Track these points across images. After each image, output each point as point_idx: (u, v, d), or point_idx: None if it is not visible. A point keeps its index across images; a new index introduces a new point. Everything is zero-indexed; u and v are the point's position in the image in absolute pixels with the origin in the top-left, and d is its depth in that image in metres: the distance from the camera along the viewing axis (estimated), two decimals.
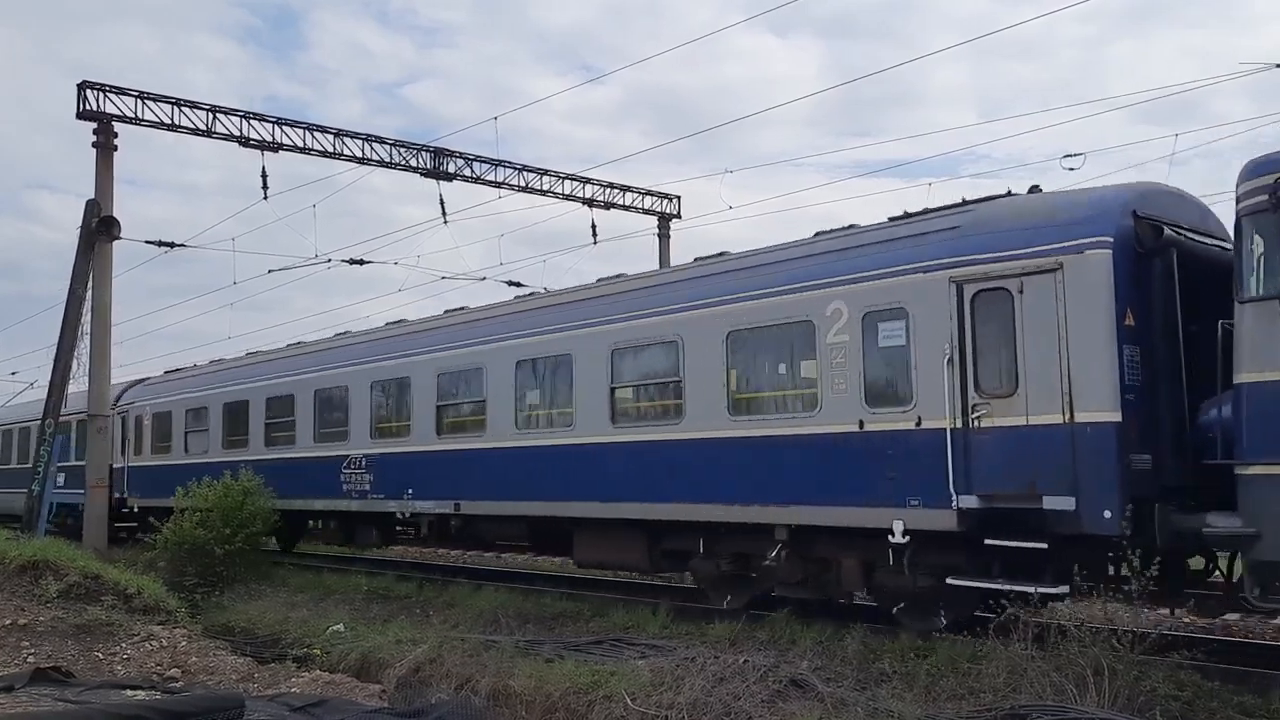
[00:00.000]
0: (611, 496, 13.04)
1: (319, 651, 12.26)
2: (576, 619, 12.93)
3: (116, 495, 25.08)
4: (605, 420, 13.33)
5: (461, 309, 17.47)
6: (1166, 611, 11.55)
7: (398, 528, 18.64)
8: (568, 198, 28.49)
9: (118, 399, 26.08)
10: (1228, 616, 12.86)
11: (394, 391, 17.23)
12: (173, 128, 22.91)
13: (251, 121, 23.61)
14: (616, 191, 29.40)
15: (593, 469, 13.32)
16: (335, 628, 13.20)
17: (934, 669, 8.77)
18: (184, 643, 12.52)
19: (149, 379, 27.81)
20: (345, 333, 21.42)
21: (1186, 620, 12.21)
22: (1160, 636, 7.84)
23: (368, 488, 17.37)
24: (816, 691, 8.17)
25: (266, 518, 18.57)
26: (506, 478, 14.66)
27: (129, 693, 9.16)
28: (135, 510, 24.67)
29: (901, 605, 10.70)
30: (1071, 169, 10.38)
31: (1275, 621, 12.54)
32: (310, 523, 21.45)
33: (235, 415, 21.61)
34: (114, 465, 25.20)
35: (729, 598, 12.46)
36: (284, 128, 23.94)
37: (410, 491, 16.38)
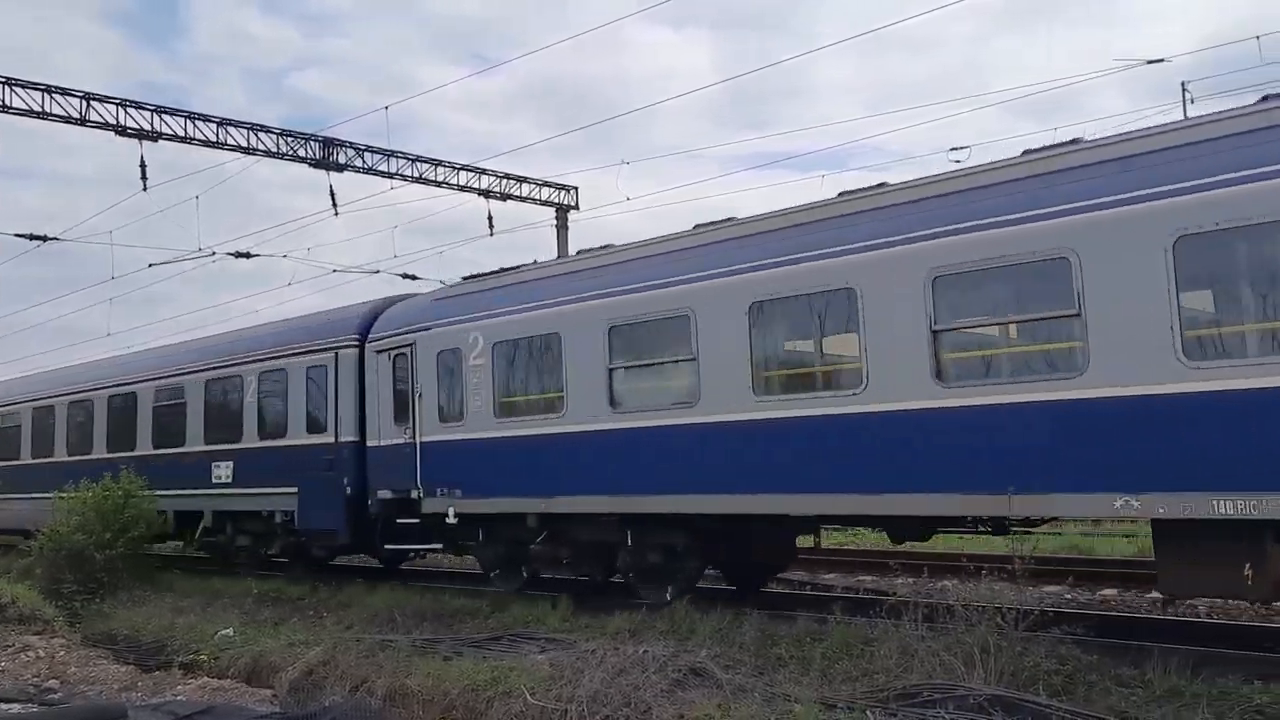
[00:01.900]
0: None
1: (206, 657, 11.90)
2: (475, 615, 12.80)
3: (385, 490, 14.97)
4: None
5: None
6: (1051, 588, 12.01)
7: None
8: (463, 189, 28.10)
9: (367, 328, 15.88)
10: (1105, 591, 13.45)
11: None
12: (43, 116, 21.83)
13: (128, 110, 22.66)
14: (513, 183, 29.14)
15: None
16: (224, 632, 12.85)
17: (828, 652, 8.92)
18: (62, 652, 12.10)
19: (418, 295, 16.90)
20: None
21: (1068, 596, 12.73)
22: (1042, 613, 8.11)
23: None
24: (715, 679, 8.24)
25: (151, 520, 17.87)
26: None
27: (4, 706, 8.79)
28: (452, 517, 14.03)
29: None
30: (957, 161, 10.66)
31: (1149, 595, 13.15)
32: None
33: (809, 322, 10.91)
34: (374, 443, 15.31)
35: None
36: (163, 116, 23.03)
37: None
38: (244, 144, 24.16)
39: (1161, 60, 19.24)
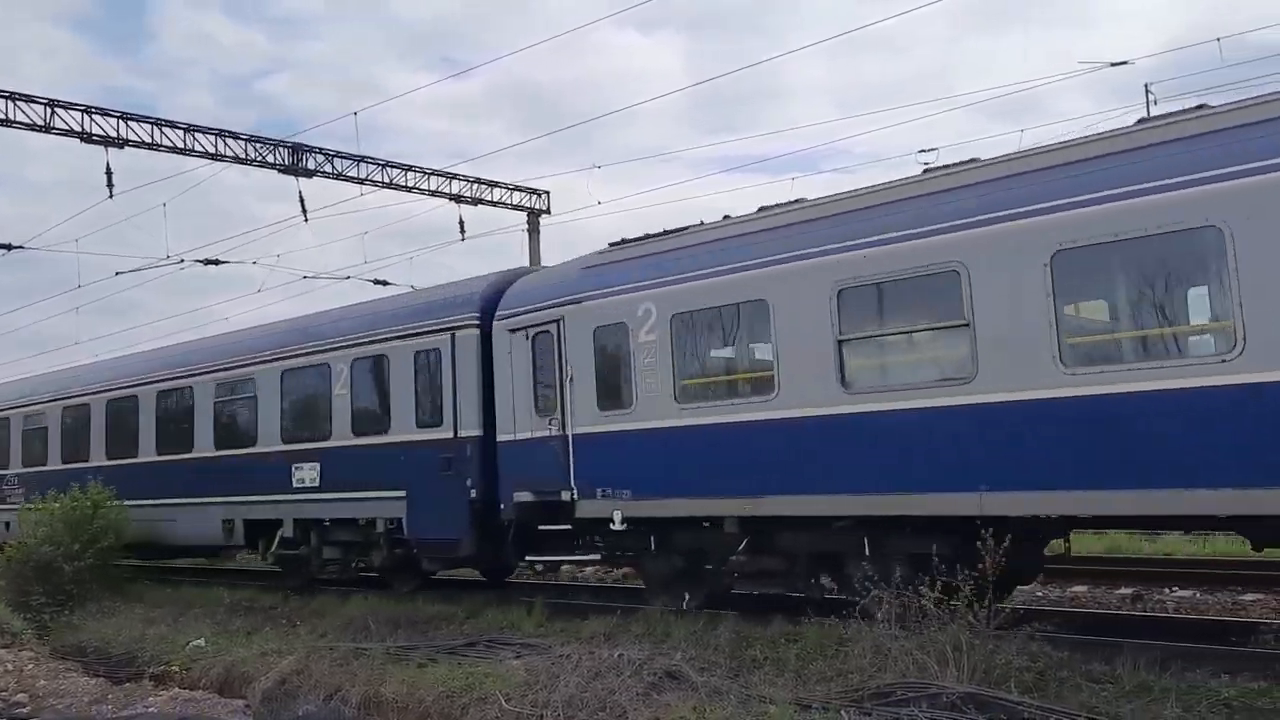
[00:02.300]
0: None
1: (178, 668, 11.81)
2: (450, 621, 12.76)
3: (524, 492, 12.87)
4: None
5: None
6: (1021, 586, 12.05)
7: None
8: (434, 194, 28.03)
9: (492, 305, 13.69)
10: (1075, 588, 13.59)
11: None
12: (7, 123, 21.56)
13: (94, 116, 22.43)
14: (484, 187, 29.08)
15: None
16: (196, 642, 12.74)
17: (803, 653, 8.97)
18: (31, 665, 12.00)
19: (553, 266, 14.86)
20: None
21: (1039, 594, 12.85)
22: (1013, 611, 8.17)
23: None
24: (690, 682, 8.26)
25: (120, 531, 17.65)
26: None
27: None
28: (619, 523, 11.79)
29: None
30: (925, 164, 10.64)
31: (1119, 591, 13.31)
32: None
33: (1146, 273, 8.71)
34: (506, 438, 13.15)
35: None
36: (129, 123, 22.81)
37: None
38: (212, 150, 23.98)
39: (1125, 63, 19.43)
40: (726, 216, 11.90)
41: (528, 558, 13.49)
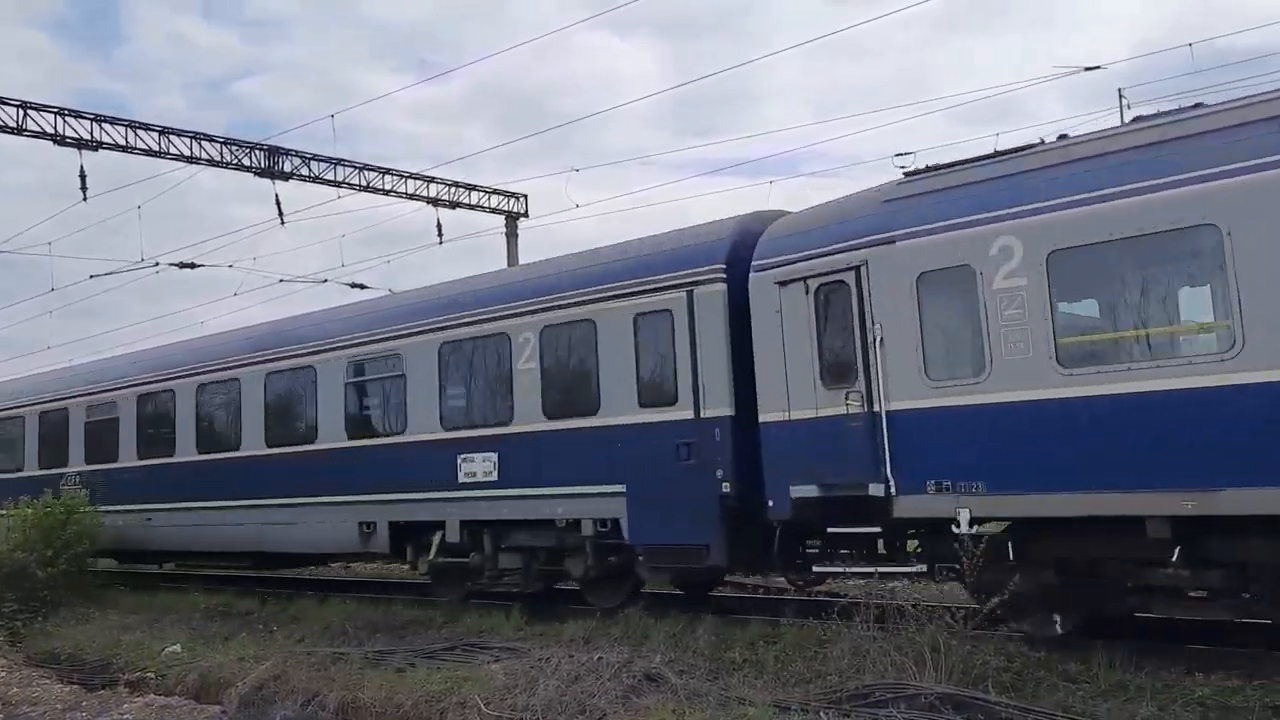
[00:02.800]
0: None
1: (153, 674, 11.72)
2: (428, 626, 12.72)
3: (806, 485, 10.18)
4: None
5: None
6: None
7: None
8: (412, 197, 27.96)
9: (744, 253, 11.12)
10: None
11: None
12: None
13: (67, 118, 22.25)
14: (462, 190, 29.02)
15: None
16: (171, 648, 12.64)
17: (782, 655, 9.00)
18: (3, 673, 11.88)
19: (821, 204, 11.14)
20: None
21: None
22: (991, 611, 8.21)
23: None
24: (670, 684, 8.29)
25: (94, 537, 17.51)
26: None
27: None
28: (965, 525, 9.01)
29: None
30: (902, 168, 10.63)
31: None
32: None
33: None
34: (775, 417, 10.54)
35: None
36: (103, 125, 22.63)
37: None
38: (187, 152, 23.83)
39: (1099, 67, 19.58)
40: (1088, 133, 9.40)
41: (815, 569, 10.74)
